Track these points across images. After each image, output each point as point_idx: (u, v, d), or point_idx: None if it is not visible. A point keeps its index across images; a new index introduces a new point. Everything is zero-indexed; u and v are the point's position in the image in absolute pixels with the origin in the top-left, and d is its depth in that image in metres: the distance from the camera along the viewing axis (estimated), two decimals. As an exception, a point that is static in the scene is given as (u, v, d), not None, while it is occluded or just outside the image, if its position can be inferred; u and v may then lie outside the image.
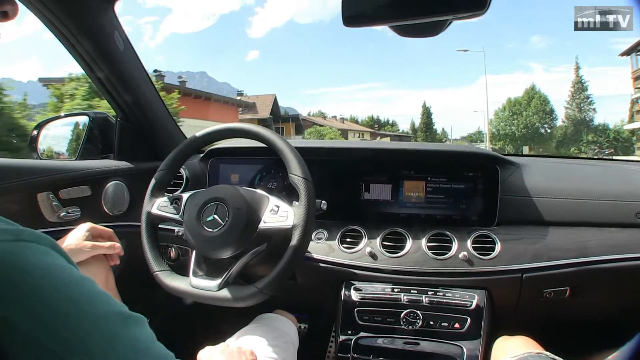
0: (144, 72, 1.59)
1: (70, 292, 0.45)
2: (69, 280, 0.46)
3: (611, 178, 1.50)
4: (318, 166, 1.36)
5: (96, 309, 0.47)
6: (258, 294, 1.08)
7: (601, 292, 1.39)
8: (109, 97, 1.56)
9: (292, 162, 1.14)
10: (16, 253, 0.44)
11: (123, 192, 1.56)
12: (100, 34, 1.38)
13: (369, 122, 70.19)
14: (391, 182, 1.49)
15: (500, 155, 1.49)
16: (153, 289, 1.26)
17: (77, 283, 0.47)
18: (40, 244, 0.47)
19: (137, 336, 0.49)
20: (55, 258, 0.47)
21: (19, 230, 0.46)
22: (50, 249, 0.48)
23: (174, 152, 1.30)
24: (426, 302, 1.29)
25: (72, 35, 1.34)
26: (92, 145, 1.66)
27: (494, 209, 1.40)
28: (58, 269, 0.46)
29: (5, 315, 0.40)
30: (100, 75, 1.47)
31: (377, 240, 1.39)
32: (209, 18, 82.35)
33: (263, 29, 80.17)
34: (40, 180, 1.36)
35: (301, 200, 1.11)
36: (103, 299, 0.49)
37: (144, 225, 1.25)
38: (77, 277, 0.47)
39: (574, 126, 39.85)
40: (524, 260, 1.29)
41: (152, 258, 1.22)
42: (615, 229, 1.34)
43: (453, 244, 1.35)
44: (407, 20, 1.03)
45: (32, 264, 0.44)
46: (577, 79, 40.32)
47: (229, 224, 1.09)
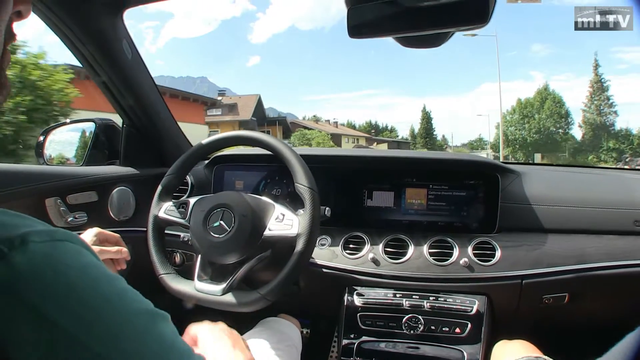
0: (150, 80, 1.61)
1: (103, 289, 0.47)
2: (101, 278, 0.48)
3: (610, 186, 1.52)
4: (322, 173, 1.38)
5: (127, 305, 0.48)
6: (261, 299, 1.10)
7: (600, 299, 1.40)
8: (115, 104, 1.58)
9: (298, 171, 1.16)
10: (53, 253, 0.45)
11: (129, 197, 1.58)
12: (109, 42, 1.40)
13: (366, 128, 69.24)
14: (394, 189, 1.51)
15: (501, 163, 1.51)
16: (159, 294, 1.27)
17: (108, 281, 0.48)
18: (74, 242, 0.49)
19: (164, 332, 0.50)
20: (87, 256, 0.49)
21: (53, 230, 0.47)
22: (81, 247, 0.49)
23: (182, 158, 1.32)
24: (427, 307, 1.30)
25: (80, 43, 1.36)
26: (99, 151, 1.69)
27: (495, 216, 1.42)
28: (91, 267, 0.48)
29: (46, 312, 0.42)
30: (107, 82, 1.49)
31: (380, 247, 1.41)
32: (210, 23, 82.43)
33: (265, 34, 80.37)
34: (48, 186, 1.38)
35: (306, 210, 1.13)
36: (132, 296, 0.50)
37: (151, 228, 1.26)
38: (108, 275, 0.49)
39: (592, 131, 36.19)
40: (524, 267, 1.31)
41: (157, 261, 1.24)
42: (614, 236, 1.35)
43: (454, 251, 1.36)
44: (410, 32, 1.05)
45: (67, 263, 0.45)
46: (597, 77, 36.79)
47: (235, 231, 1.11)
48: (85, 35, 1.34)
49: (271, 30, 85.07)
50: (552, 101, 39.44)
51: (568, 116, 39.26)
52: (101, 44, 1.39)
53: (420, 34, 1.05)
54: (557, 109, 38.87)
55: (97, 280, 0.47)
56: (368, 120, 75.09)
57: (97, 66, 1.42)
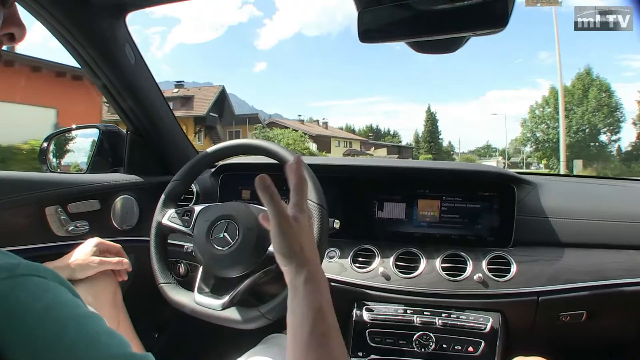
0: (154, 85, 1.57)
1: (68, 334, 0.42)
2: (68, 319, 0.44)
3: (630, 198, 1.47)
4: (331, 183, 1.34)
5: (98, 352, 0.44)
6: (260, 318, 1.07)
7: (619, 316, 1.35)
8: (119, 110, 1.55)
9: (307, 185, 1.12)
10: (12, 292, 0.41)
11: (132, 206, 1.54)
12: (111, 46, 1.37)
13: (366, 132, 67.65)
14: (405, 200, 1.47)
15: (517, 174, 1.46)
16: (162, 304, 1.24)
17: (77, 323, 0.44)
18: (40, 276, 0.44)
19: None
20: (56, 292, 0.44)
21: (14, 265, 0.43)
22: (51, 281, 0.45)
23: (189, 164, 1.29)
24: (439, 324, 1.26)
25: (81, 47, 1.33)
26: (102, 159, 1.66)
27: (510, 229, 1.37)
28: (57, 306, 0.43)
29: (5, 355, 0.38)
30: (109, 87, 1.45)
31: (390, 260, 1.36)
32: (217, 29, 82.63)
33: (271, 40, 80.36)
34: (48, 194, 1.35)
35: (314, 227, 1.09)
36: (107, 340, 0.46)
37: (154, 235, 1.24)
38: (78, 315, 0.44)
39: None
40: (540, 283, 1.26)
41: (158, 270, 1.21)
42: (635, 251, 1.30)
43: (468, 265, 1.32)
44: (424, 37, 1.01)
45: (25, 305, 0.41)
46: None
47: (239, 244, 1.08)
48: (86, 39, 1.31)
49: (278, 37, 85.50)
50: (597, 89, 30.76)
51: (618, 109, 30.64)
52: (103, 48, 1.36)
53: (434, 39, 1.01)
54: (605, 99, 30.19)
55: (63, 323, 0.43)
56: (369, 124, 73.48)
57: (99, 70, 1.39)
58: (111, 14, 1.33)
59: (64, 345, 0.41)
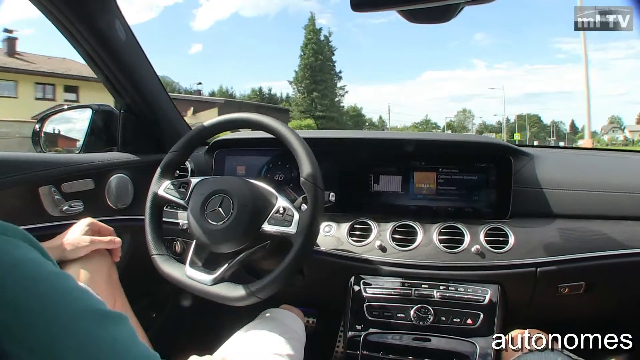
0: (147, 62, 1.55)
1: (38, 288, 0.42)
2: (38, 275, 0.43)
3: (628, 169, 1.46)
4: (327, 157, 1.34)
5: (68, 306, 0.43)
6: (250, 296, 1.06)
7: (618, 288, 1.35)
8: (111, 88, 1.53)
9: (304, 163, 1.10)
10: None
11: (127, 185, 1.53)
12: (101, 23, 1.34)
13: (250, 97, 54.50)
14: (401, 173, 1.46)
15: (513, 145, 1.45)
16: (158, 284, 1.24)
17: (47, 278, 0.43)
18: (8, 235, 0.44)
19: (116, 336, 0.45)
20: (25, 251, 0.44)
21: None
22: (20, 240, 0.44)
23: (186, 136, 1.28)
24: (437, 297, 1.25)
25: (71, 24, 1.29)
26: (96, 138, 1.64)
27: (507, 201, 1.37)
28: (27, 262, 0.43)
29: None
30: (101, 65, 1.43)
31: (387, 233, 1.36)
32: (152, 9, 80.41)
33: (207, 21, 78.25)
34: (42, 174, 1.33)
35: (308, 207, 1.08)
36: (77, 294, 0.45)
37: (149, 205, 1.23)
38: (48, 272, 0.44)
39: None
40: (539, 254, 1.26)
41: (152, 241, 1.20)
42: (633, 222, 1.29)
43: (465, 237, 1.31)
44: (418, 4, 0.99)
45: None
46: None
47: (232, 220, 1.07)
48: (76, 16, 1.28)
49: (214, 17, 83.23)
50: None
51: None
52: (93, 25, 1.32)
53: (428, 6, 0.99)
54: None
55: (32, 277, 0.42)
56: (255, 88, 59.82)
57: (89, 47, 1.36)
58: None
59: (36, 296, 0.41)
